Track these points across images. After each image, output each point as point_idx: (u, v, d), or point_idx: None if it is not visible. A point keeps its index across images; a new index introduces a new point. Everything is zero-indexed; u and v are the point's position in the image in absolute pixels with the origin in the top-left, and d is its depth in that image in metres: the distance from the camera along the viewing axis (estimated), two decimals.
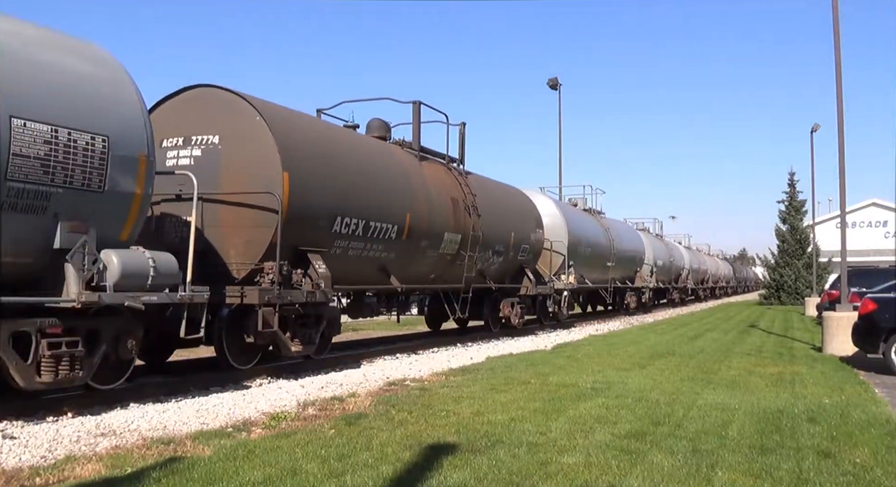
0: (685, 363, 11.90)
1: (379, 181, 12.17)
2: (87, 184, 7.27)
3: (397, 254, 12.59)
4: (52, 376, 7.07)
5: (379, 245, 12.05)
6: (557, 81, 34.81)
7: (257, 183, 9.70)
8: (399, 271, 12.75)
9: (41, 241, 6.99)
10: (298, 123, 11.11)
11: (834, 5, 15.57)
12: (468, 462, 5.40)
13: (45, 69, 7.20)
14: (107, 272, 7.38)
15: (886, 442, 6.20)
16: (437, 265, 14.06)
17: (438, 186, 14.05)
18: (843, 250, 15.73)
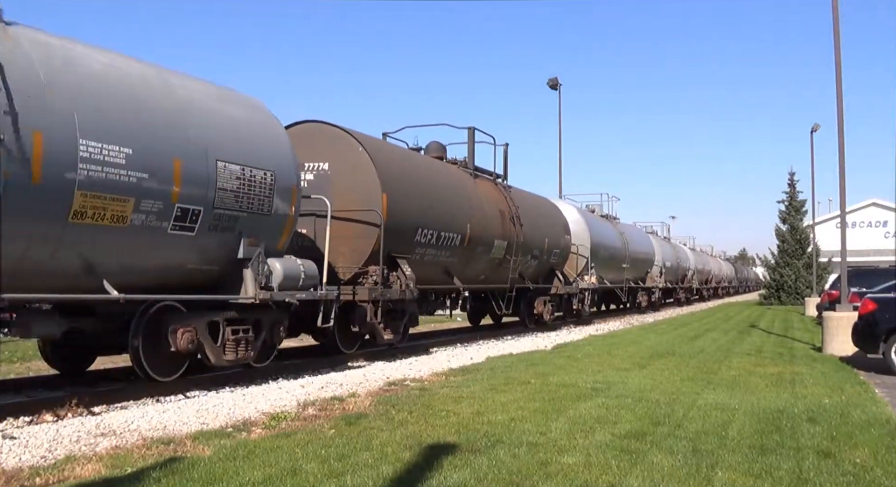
0: (685, 363, 11.90)
1: (448, 198, 14.51)
2: (260, 209, 9.40)
3: (458, 259, 14.85)
4: (233, 355, 9.26)
5: (446, 252, 14.31)
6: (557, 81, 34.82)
7: (362, 202, 11.88)
8: (459, 273, 15.01)
9: (227, 253, 9.10)
10: (390, 152, 13.49)
11: (834, 5, 15.57)
12: (468, 462, 5.39)
13: (232, 121, 9.34)
14: (272, 276, 9.55)
15: (886, 442, 6.20)
16: (487, 268, 16.31)
17: (489, 200, 16.39)
18: (843, 250, 15.73)
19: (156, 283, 8.50)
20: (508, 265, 17.04)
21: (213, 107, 9.16)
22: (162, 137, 8.17)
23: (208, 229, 8.70)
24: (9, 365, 12.91)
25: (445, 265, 14.47)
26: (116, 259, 7.94)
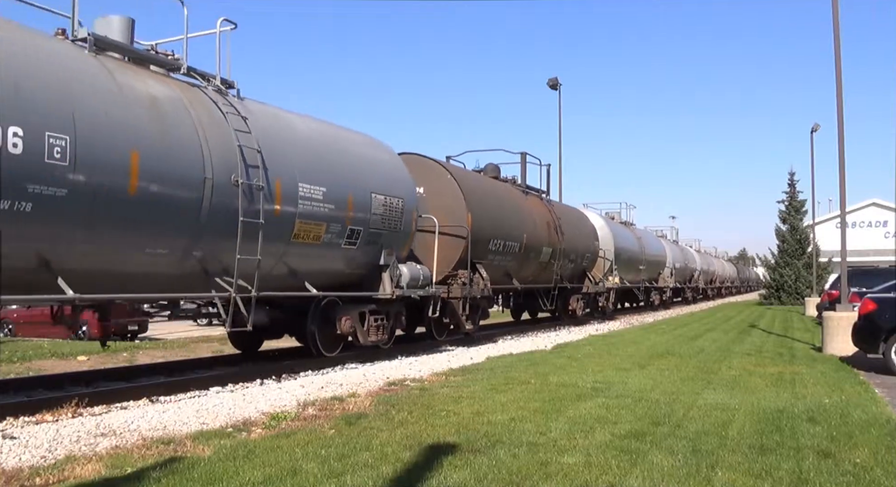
0: (685, 363, 11.90)
1: (510, 213, 17.74)
2: (395, 227, 12.55)
3: (517, 263, 17.97)
4: (375, 337, 12.33)
5: (508, 257, 17.39)
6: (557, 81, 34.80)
7: (451, 220, 14.80)
8: (516, 274, 18.16)
9: (372, 260, 12.24)
10: (470, 178, 16.80)
11: (834, 5, 15.56)
12: (468, 462, 5.39)
13: (376, 161, 12.59)
14: (402, 277, 12.62)
15: (886, 442, 6.20)
16: (536, 270, 19.43)
17: (538, 213, 19.69)
18: (843, 250, 15.73)
19: (328, 283, 11.44)
20: (552, 268, 20.24)
21: (365, 152, 12.49)
22: (342, 178, 11.33)
23: (364, 243, 11.85)
24: (9, 365, 12.92)
25: (507, 269, 17.61)
26: (312, 267, 11.04)
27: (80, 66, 7.91)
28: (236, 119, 9.48)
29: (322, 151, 11.15)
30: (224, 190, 9.01)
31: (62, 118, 7.27)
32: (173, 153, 8.50)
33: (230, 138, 9.25)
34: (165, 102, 8.73)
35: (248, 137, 9.42)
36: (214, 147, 9.04)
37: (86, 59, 8.15)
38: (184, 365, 11.80)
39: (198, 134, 8.92)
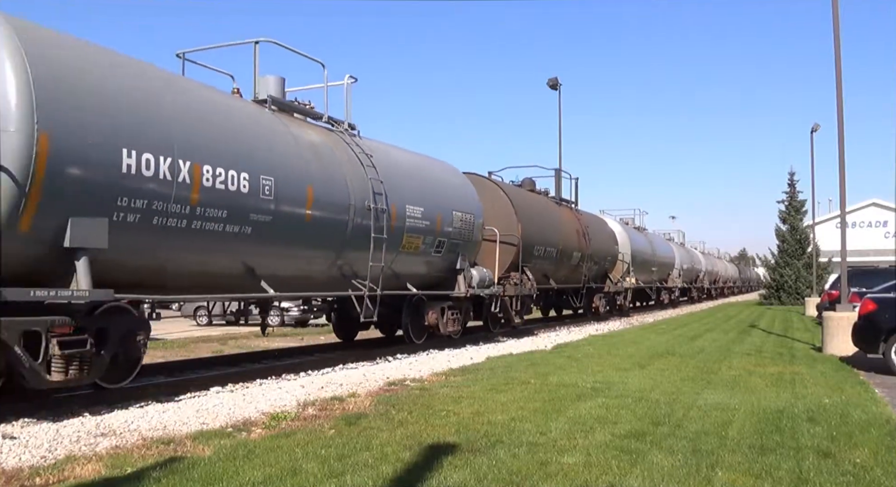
0: (685, 363, 11.90)
1: (549, 223, 20.44)
2: (468, 237, 15.12)
3: (553, 266, 20.58)
4: (452, 328, 14.81)
5: (548, 261, 20.01)
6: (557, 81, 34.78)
7: (504, 229, 17.16)
8: (553, 276, 20.82)
9: (451, 265, 14.69)
10: (519, 194, 19.42)
11: (834, 5, 15.56)
12: (468, 462, 5.39)
13: (453, 184, 15.42)
14: (472, 279, 15.14)
15: (886, 442, 6.20)
16: (568, 272, 22.05)
17: (569, 222, 22.46)
18: (843, 250, 15.73)
19: (419, 284, 13.90)
20: (581, 270, 22.90)
21: (445, 176, 15.43)
22: (433, 199, 13.91)
23: (446, 251, 14.35)
24: None
25: (545, 271, 20.09)
26: (411, 271, 13.60)
27: (271, 123, 10.54)
28: (364, 157, 12.13)
29: (419, 178, 14.02)
30: (361, 213, 11.66)
31: (269, 165, 9.80)
32: (330, 186, 11.06)
33: (363, 173, 11.92)
34: (321, 145, 11.37)
35: (373, 171, 12.11)
36: (352, 180, 11.59)
37: (271, 116, 10.75)
38: (184, 365, 11.80)
39: (342, 170, 11.49)
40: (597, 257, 24.26)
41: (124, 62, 8.56)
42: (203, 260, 9.14)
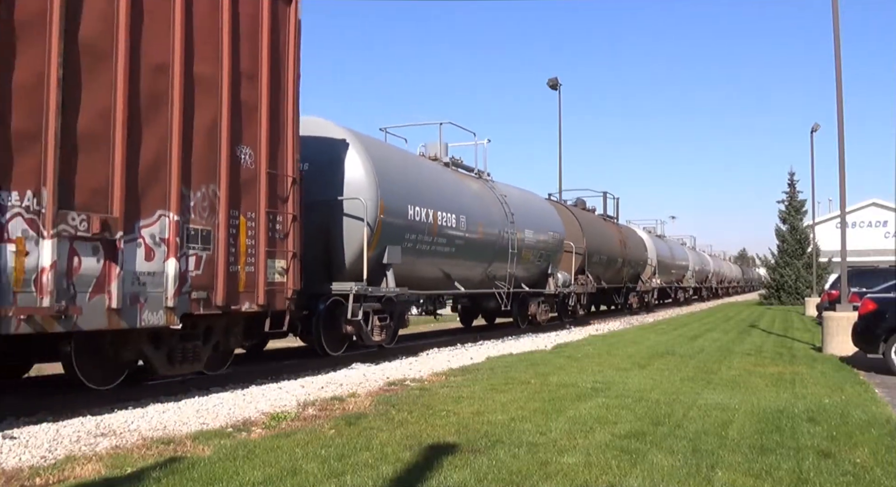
0: (685, 363, 11.90)
1: (602, 235, 25.58)
2: (556, 249, 19.88)
3: (604, 270, 25.31)
4: (543, 317, 19.37)
5: (601, 266, 24.86)
6: (557, 81, 34.80)
7: (574, 242, 21.85)
8: (603, 278, 25.34)
9: (544, 270, 19.36)
10: (581, 213, 24.56)
11: (834, 5, 15.57)
12: (468, 462, 5.39)
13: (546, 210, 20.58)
14: (558, 280, 19.99)
15: (886, 442, 6.20)
16: (612, 274, 26.75)
17: (614, 233, 27.76)
18: (843, 250, 15.73)
19: (526, 284, 18.47)
20: (622, 273, 27.96)
21: (540, 204, 20.68)
22: (537, 223, 18.93)
23: (543, 260, 19.20)
24: None
25: (598, 274, 24.51)
26: (523, 274, 18.23)
27: (455, 179, 15.94)
28: (501, 197, 17.34)
29: (529, 209, 18.98)
30: (503, 236, 16.80)
31: (461, 207, 15.11)
32: (487, 220, 16.21)
33: (501, 209, 17.06)
34: (479, 191, 16.56)
35: (507, 208, 17.26)
36: (497, 215, 16.72)
37: (453, 174, 16.13)
38: None
39: (492, 209, 16.59)
40: (632, 262, 29.19)
41: (401, 154, 14.36)
42: (431, 269, 14.33)
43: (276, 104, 9.57)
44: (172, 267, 8.02)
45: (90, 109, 7.23)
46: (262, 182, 9.30)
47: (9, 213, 6.50)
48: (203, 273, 8.47)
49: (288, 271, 9.70)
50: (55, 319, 6.83)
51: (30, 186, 6.69)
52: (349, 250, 11.70)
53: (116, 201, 7.39)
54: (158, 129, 7.92)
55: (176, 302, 8.05)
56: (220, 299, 8.65)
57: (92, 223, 7.14)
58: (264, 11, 9.38)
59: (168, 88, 8.06)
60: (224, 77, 8.77)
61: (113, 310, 7.37)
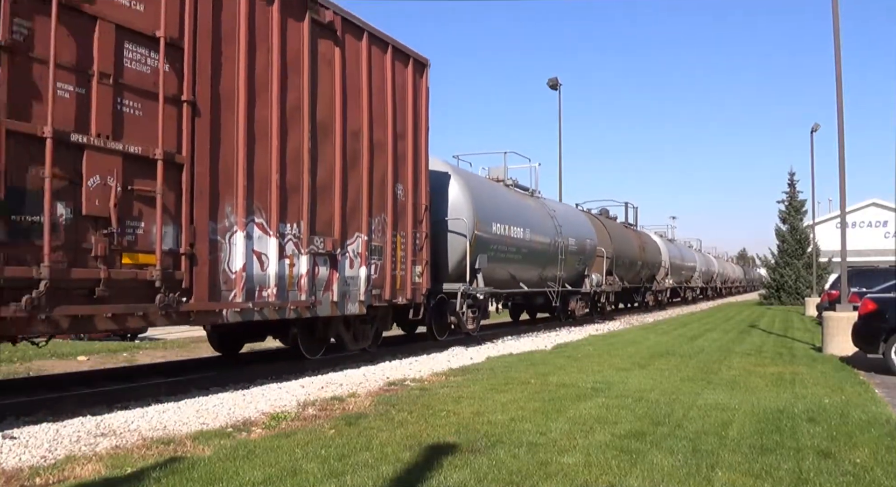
0: (685, 363, 11.90)
1: (625, 241, 28.65)
2: (590, 254, 23.13)
3: (625, 271, 28.12)
4: (582, 312, 22.83)
5: (623, 268, 27.71)
6: (557, 82, 34.81)
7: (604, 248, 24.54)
8: (625, 278, 28.07)
9: (581, 271, 22.48)
10: (608, 221, 27.92)
11: (834, 6, 15.57)
12: (468, 462, 5.40)
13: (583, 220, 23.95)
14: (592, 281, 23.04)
15: (886, 442, 6.20)
16: (632, 275, 29.58)
17: (634, 239, 30.77)
18: (843, 250, 15.73)
19: (568, 283, 21.25)
20: (640, 274, 31.01)
21: (577, 216, 23.67)
22: (576, 232, 21.75)
23: (580, 264, 22.16)
24: (9, 365, 12.92)
25: (622, 275, 27.39)
26: (568, 277, 21.12)
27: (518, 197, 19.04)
28: (550, 212, 20.45)
29: (571, 221, 22.08)
30: (553, 245, 19.80)
31: (525, 221, 18.12)
32: (542, 231, 19.16)
33: (552, 222, 20.07)
34: (534, 207, 19.65)
35: (556, 221, 20.35)
36: (547, 226, 19.65)
37: (516, 193, 19.21)
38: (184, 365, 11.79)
39: (545, 222, 19.64)
40: (649, 264, 32.29)
41: (484, 180, 17.91)
42: (504, 272, 17.14)
43: (416, 151, 13.09)
44: (364, 272, 11.45)
45: (323, 167, 10.54)
46: (409, 210, 12.85)
47: (286, 238, 9.76)
48: (378, 276, 11.86)
49: (423, 274, 13.26)
50: (307, 308, 10.17)
51: (296, 220, 9.95)
52: (452, 258, 14.75)
53: (337, 228, 10.80)
54: (356, 178, 11.32)
55: (364, 297, 11.49)
56: (387, 295, 12.12)
57: (326, 244, 10.51)
58: (409, 84, 12.78)
59: (360, 148, 11.42)
60: (388, 138, 12.16)
61: (334, 303, 10.74)
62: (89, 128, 7.28)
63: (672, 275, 37.40)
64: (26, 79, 6.79)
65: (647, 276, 32.56)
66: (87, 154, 7.23)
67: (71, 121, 7.13)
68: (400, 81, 12.50)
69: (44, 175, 6.81)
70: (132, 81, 7.73)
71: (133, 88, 7.74)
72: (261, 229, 9.35)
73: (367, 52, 11.52)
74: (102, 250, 7.33)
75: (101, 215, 7.32)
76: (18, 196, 6.69)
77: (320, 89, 10.44)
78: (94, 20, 7.38)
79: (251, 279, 9.19)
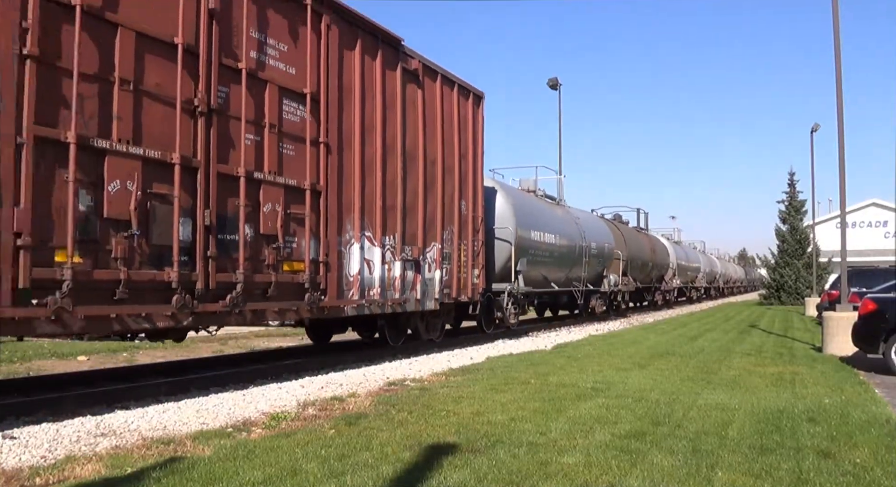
0: (685, 363, 11.90)
1: (637, 244, 30.78)
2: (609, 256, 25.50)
3: (638, 272, 30.31)
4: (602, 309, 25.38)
5: (637, 270, 29.87)
6: (557, 81, 34.80)
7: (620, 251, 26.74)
8: (638, 278, 30.10)
9: (600, 272, 24.94)
10: (622, 226, 30.13)
11: (834, 6, 15.57)
12: (468, 462, 5.39)
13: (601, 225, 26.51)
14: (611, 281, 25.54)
15: (886, 442, 6.20)
16: (644, 276, 31.59)
17: (645, 242, 33.08)
18: (843, 250, 15.73)
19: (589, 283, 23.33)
20: (651, 275, 33.28)
21: (597, 222, 26.40)
22: (596, 237, 24.26)
23: (600, 265, 24.35)
24: (9, 365, 12.92)
25: (635, 276, 29.49)
26: (590, 277, 23.55)
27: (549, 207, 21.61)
28: (574, 219, 22.87)
29: (592, 226, 24.51)
30: (578, 248, 21.95)
31: (555, 228, 20.34)
32: (569, 236, 21.40)
33: (576, 228, 22.31)
34: (561, 215, 22.03)
35: (580, 226, 22.73)
36: (573, 232, 21.87)
37: (545, 203, 21.63)
38: (184, 365, 11.80)
39: (570, 228, 21.80)
40: (658, 266, 34.61)
41: (522, 193, 20.22)
42: (538, 274, 19.12)
43: (474, 172, 15.45)
44: (438, 275, 13.74)
45: (410, 189, 12.91)
46: (469, 222, 15.19)
47: (386, 248, 12.13)
48: (448, 278, 14.19)
49: (479, 276, 15.55)
50: (399, 304, 12.53)
51: (392, 233, 12.34)
52: (498, 261, 16.93)
53: (420, 239, 13.13)
54: (433, 197, 13.65)
55: (438, 295, 13.77)
56: (454, 294, 14.49)
57: (413, 252, 12.88)
58: (469, 114, 15.22)
59: (436, 172, 13.76)
60: (455, 161, 14.52)
61: (417, 300, 13.08)
62: (263, 167, 9.50)
63: (679, 275, 39.53)
64: (226, 133, 8.92)
65: (657, 276, 34.81)
66: (263, 187, 9.43)
67: (252, 162, 9.29)
68: (463, 113, 14.88)
69: (238, 205, 9.00)
70: (288, 129, 9.99)
71: (289, 134, 10.00)
72: (369, 242, 11.77)
73: (440, 91, 13.96)
74: (272, 260, 9.56)
75: (272, 234, 9.56)
76: (222, 221, 8.78)
77: (408, 126, 12.82)
78: (265, 84, 9.53)
79: (363, 281, 11.55)
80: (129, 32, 7.65)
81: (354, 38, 11.44)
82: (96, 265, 7.29)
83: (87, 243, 7.23)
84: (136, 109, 7.76)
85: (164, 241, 7.98)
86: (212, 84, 8.61)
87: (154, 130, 7.94)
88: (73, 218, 7.00)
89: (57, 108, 6.98)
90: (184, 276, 8.18)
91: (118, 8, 7.58)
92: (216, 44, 8.72)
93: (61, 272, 6.91)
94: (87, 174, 7.20)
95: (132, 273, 7.56)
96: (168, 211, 8.03)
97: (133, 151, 7.63)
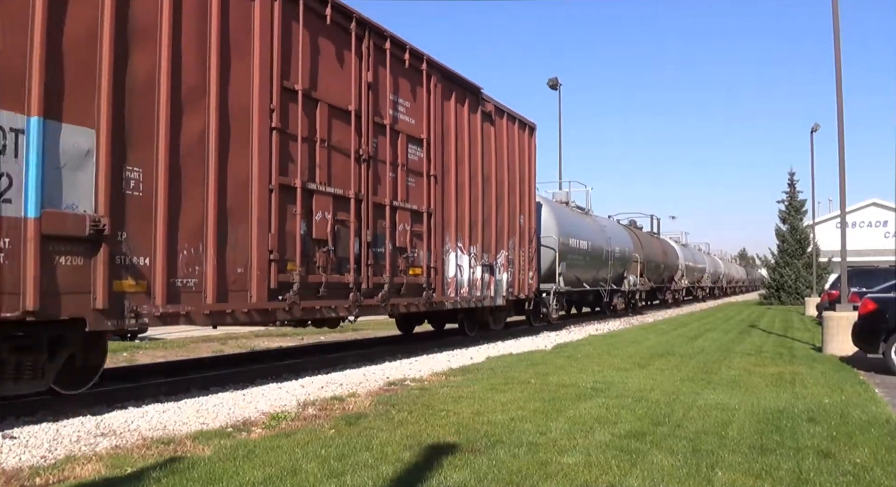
0: (685, 362, 11.89)
1: (651, 248, 33.18)
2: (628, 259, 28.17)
3: (652, 273, 32.44)
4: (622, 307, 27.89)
5: (651, 271, 31.97)
6: (557, 81, 34.81)
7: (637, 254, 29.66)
8: (651, 278, 32.16)
9: (620, 272, 27.20)
10: (638, 232, 33.75)
11: (834, 5, 15.57)
12: (468, 462, 5.39)
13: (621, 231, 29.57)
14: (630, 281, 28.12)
15: (886, 442, 6.19)
16: (656, 276, 33.90)
17: (658, 245, 36.00)
18: (843, 250, 15.73)
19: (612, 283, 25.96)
20: (663, 275, 36.04)
21: (617, 227, 29.48)
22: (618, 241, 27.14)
23: (621, 267, 26.96)
24: None
25: (649, 276, 31.81)
26: (613, 277, 26.09)
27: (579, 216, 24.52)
28: (601, 226, 25.56)
29: (614, 232, 27.24)
30: (604, 252, 24.63)
31: (586, 235, 23.24)
32: (597, 241, 24.14)
33: (602, 234, 25.09)
34: (590, 223, 24.80)
35: (606, 233, 25.46)
36: (600, 238, 24.53)
37: (576, 213, 24.37)
38: (184, 365, 11.79)
39: (597, 235, 24.39)
40: (669, 267, 37.40)
41: (561, 206, 22.74)
42: (573, 275, 21.61)
43: (529, 190, 18.21)
44: (505, 277, 16.47)
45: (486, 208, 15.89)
46: (526, 232, 17.84)
47: (471, 255, 14.91)
48: (512, 279, 16.94)
49: (533, 277, 18.21)
50: (479, 301, 15.31)
51: (474, 243, 15.13)
52: (544, 265, 19.73)
53: (493, 247, 15.99)
54: (501, 212, 16.47)
55: (506, 294, 16.50)
56: (516, 292, 17.18)
57: (488, 258, 15.73)
58: (525, 142, 18.10)
59: (503, 192, 16.62)
60: (516, 182, 17.38)
61: (491, 297, 15.81)
62: (398, 196, 12.45)
63: (686, 276, 42.28)
64: (377, 173, 11.87)
65: (668, 277, 37.66)
66: (398, 212, 12.41)
67: (392, 194, 12.27)
68: (521, 141, 17.79)
69: (385, 226, 11.99)
70: (412, 166, 12.96)
71: (412, 170, 12.98)
72: (460, 250, 14.54)
73: (506, 125, 16.93)
74: (404, 267, 12.52)
75: (403, 246, 12.48)
76: (375, 238, 11.64)
77: (484, 156, 15.71)
78: (398, 134, 12.52)
79: (456, 282, 14.36)
80: (324, 105, 10.51)
81: (451, 91, 14.46)
82: (309, 272, 10.10)
83: (305, 257, 10.01)
84: (329, 159, 10.62)
85: (344, 254, 10.92)
86: (369, 137, 11.55)
87: (338, 173, 10.83)
88: (298, 240, 9.86)
89: (287, 162, 9.77)
90: (356, 279, 11.06)
91: (318, 87, 10.40)
92: (371, 107, 11.64)
93: (293, 277, 9.69)
94: (304, 208, 10.02)
95: (328, 277, 10.43)
96: (347, 232, 10.98)
97: (328, 190, 10.56)
